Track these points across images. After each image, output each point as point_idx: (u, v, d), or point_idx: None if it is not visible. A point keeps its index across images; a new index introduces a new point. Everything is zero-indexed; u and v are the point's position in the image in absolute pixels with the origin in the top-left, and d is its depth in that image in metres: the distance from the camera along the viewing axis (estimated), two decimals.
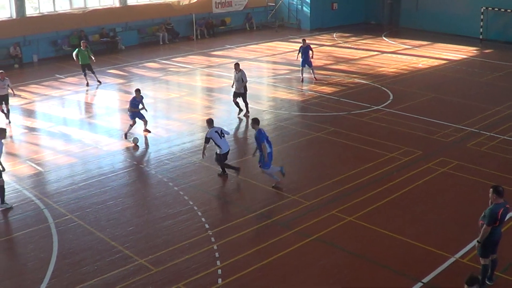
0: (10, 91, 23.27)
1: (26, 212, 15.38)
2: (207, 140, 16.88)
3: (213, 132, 16.90)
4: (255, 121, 16.61)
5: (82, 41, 30.17)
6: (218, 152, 17.14)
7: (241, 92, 22.70)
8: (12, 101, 23.82)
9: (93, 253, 13.12)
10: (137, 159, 19.24)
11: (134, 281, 12.02)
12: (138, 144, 20.11)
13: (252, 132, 17.34)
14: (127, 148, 19.94)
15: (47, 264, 12.70)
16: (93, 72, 29.02)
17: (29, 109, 25.59)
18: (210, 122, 17.32)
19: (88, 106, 26.42)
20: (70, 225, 14.45)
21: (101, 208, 15.39)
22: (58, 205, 15.53)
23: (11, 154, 19.81)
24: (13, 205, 15.65)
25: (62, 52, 36.10)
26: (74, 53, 28.81)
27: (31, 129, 22.54)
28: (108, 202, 15.77)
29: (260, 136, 16.10)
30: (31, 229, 14.42)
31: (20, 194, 16.45)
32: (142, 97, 21.09)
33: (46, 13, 36.14)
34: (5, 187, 15.92)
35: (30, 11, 35.73)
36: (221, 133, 17.08)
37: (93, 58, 28.76)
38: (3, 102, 23.06)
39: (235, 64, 22.72)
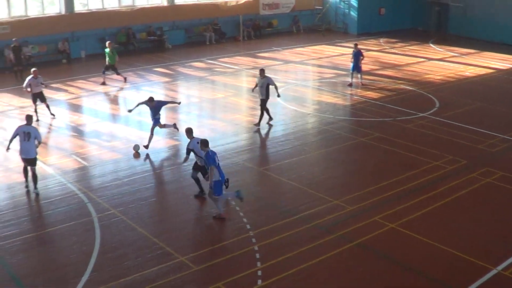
0: (43, 88, 23.55)
1: (70, 205, 15.62)
2: (188, 151, 15.68)
3: (195, 143, 15.51)
4: (188, 131, 15.80)
5: (108, 41, 30.09)
6: (198, 163, 15.79)
7: (262, 98, 22.00)
8: (58, 95, 24.17)
9: (134, 248, 13.24)
10: (180, 157, 19.31)
11: (174, 278, 12.08)
12: (139, 151, 19.56)
13: (285, 138, 17.13)
14: (172, 146, 20.09)
15: (89, 258, 12.86)
16: (118, 73, 29.17)
17: (75, 104, 26.00)
18: (189, 132, 15.91)
19: (133, 103, 26.63)
20: (113, 220, 14.61)
21: (144, 205, 15.53)
22: (101, 200, 15.72)
23: (57, 148, 20.21)
24: (57, 198, 15.92)
25: (117, 50, 36.58)
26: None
27: (77, 124, 22.88)
28: (151, 198, 15.91)
29: (208, 158, 14.48)
30: (74, 222, 14.65)
31: (64, 187, 16.72)
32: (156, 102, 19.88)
33: (94, 10, 36.75)
34: (51, 180, 16.23)
35: (79, 7, 36.40)
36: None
37: (116, 59, 28.93)
38: (38, 100, 23.38)
39: (260, 70, 22.32)
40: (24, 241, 13.91)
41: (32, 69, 23.48)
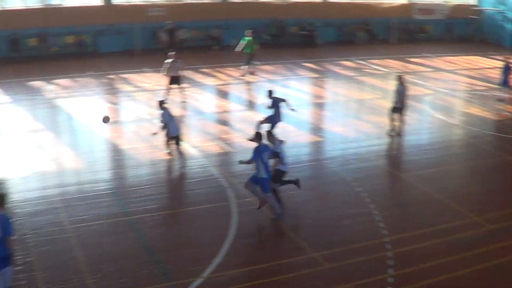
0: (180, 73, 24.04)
1: (210, 188, 15.92)
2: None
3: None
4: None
5: (251, 30, 29.73)
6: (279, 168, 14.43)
7: (398, 106, 20.72)
8: (207, 80, 24.70)
9: (268, 238, 13.29)
10: (322, 154, 19.22)
11: (304, 273, 11.90)
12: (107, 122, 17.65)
13: (430, 147, 16.45)
14: (315, 142, 19.98)
15: (223, 241, 12.97)
16: (251, 63, 28.90)
17: (223, 91, 26.59)
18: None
19: (279, 94, 26.82)
20: (251, 207, 14.69)
21: (283, 197, 15.44)
22: (241, 186, 15.86)
23: (202, 131, 20.75)
24: (198, 179, 16.30)
25: (259, 40, 37.13)
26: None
27: (224, 110, 23.38)
28: (290, 191, 15.85)
29: (254, 151, 13.80)
30: (213, 204, 14.89)
31: (206, 170, 17.08)
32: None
33: (249, 0, 37.40)
34: (194, 161, 16.82)
35: None
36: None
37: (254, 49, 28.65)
38: (176, 83, 23.93)
39: (398, 76, 21.09)
40: (163, 217, 14.39)
41: (172, 53, 24.21)
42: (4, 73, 28.85)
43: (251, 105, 24.46)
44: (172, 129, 17.25)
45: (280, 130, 20.41)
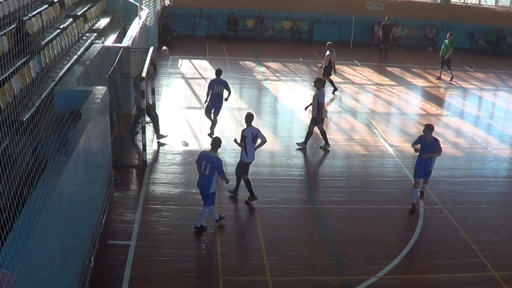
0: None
1: (401, 189, 15.80)
2: (243, 138, 14.31)
3: (249, 132, 14.31)
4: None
5: (449, 33, 28.40)
6: (243, 160, 14.50)
7: None
8: (416, 81, 24.14)
9: (450, 249, 12.87)
10: None
11: None
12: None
13: None
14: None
15: (405, 244, 12.87)
16: (449, 68, 27.67)
17: (431, 93, 25.95)
18: (250, 118, 14.57)
19: (486, 104, 25.73)
20: (438, 215, 14.36)
21: (473, 209, 14.93)
22: (432, 192, 15.52)
23: (402, 131, 20.49)
24: (391, 179, 16.22)
25: (477, 46, 35.70)
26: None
27: (428, 113, 22.86)
28: (481, 205, 15.23)
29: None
30: (401, 206, 14.76)
31: (400, 170, 16.94)
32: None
33: (470, 4, 36.09)
34: (389, 160, 16.75)
35: None
36: (255, 136, 14.40)
37: (449, 53, 27.21)
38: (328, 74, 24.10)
39: None
40: (349, 211, 14.54)
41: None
42: (220, 50, 30.66)
43: (456, 111, 23.62)
44: (324, 111, 18.02)
45: (483, 141, 19.65)
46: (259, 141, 14.52)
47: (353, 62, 30.54)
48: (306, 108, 18.79)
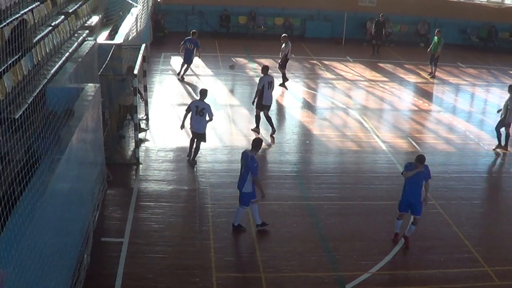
0: None
1: (394, 184, 15.54)
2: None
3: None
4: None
5: (437, 29, 28.36)
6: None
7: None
8: (408, 77, 24.29)
9: (443, 244, 12.92)
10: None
11: (474, 286, 11.51)
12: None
13: None
14: (507, 154, 18.95)
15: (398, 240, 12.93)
16: (435, 65, 27.74)
17: (423, 89, 26.04)
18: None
19: (478, 100, 25.83)
20: (431, 210, 14.33)
21: (465, 205, 14.99)
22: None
23: (395, 127, 20.52)
24: (384, 174, 16.25)
25: (469, 42, 35.79)
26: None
27: (421, 109, 22.94)
28: (474, 201, 15.30)
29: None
30: (393, 202, 14.41)
31: (393, 166, 16.97)
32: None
33: (462, 0, 36.16)
34: (382, 156, 16.75)
35: None
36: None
37: (438, 51, 27.21)
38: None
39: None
40: (342, 206, 14.56)
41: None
42: (212, 47, 30.64)
43: (447, 107, 23.71)
44: (266, 97, 18.38)
45: (475, 137, 19.72)
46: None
47: (345, 58, 30.57)
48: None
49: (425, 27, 35.34)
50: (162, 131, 18.46)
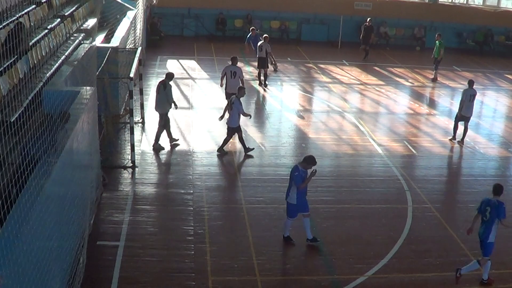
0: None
1: (389, 188, 15.90)
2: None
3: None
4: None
5: (437, 33, 28.72)
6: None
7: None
8: (403, 81, 24.23)
9: (439, 247, 12.94)
10: (510, 171, 18.28)
11: None
12: None
13: None
14: (504, 157, 19.00)
15: (393, 243, 12.90)
16: (436, 68, 27.81)
17: (418, 92, 26.11)
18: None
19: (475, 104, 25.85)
20: (427, 214, 14.43)
21: (461, 208, 15.04)
22: (421, 191, 15.59)
23: (390, 131, 20.56)
24: (379, 178, 16.27)
25: (465, 45, 35.90)
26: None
27: (415, 112, 22.98)
28: (470, 204, 15.22)
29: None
30: (389, 205, 14.85)
31: (389, 170, 16.99)
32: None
33: (458, 4, 36.30)
34: (378, 159, 16.78)
35: None
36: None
37: (441, 54, 27.43)
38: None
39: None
40: (338, 210, 14.58)
41: (264, 35, 25.52)
42: (208, 50, 30.64)
43: (443, 110, 23.73)
44: (230, 85, 19.79)
45: (471, 140, 19.74)
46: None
47: (341, 61, 30.61)
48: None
49: (421, 31, 35.46)
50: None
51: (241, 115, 17.14)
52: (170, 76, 17.68)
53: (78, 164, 11.47)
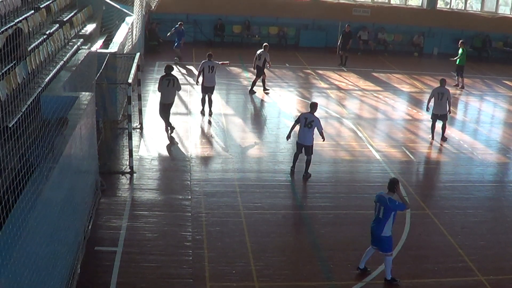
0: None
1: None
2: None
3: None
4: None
5: (461, 41, 28.87)
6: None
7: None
8: (402, 86, 24.29)
9: (437, 253, 12.93)
10: (508, 176, 18.28)
11: None
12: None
13: None
14: (502, 163, 19.02)
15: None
16: (461, 76, 28.06)
17: (417, 99, 26.13)
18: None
19: (472, 109, 25.91)
20: (425, 220, 14.40)
21: (459, 214, 15.01)
22: (419, 197, 15.60)
23: (388, 136, 20.57)
24: (378, 184, 16.24)
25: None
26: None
27: (413, 118, 23.02)
28: (468, 210, 15.32)
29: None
30: None
31: (386, 175, 16.77)
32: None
33: (456, 10, 36.40)
34: (376, 165, 16.78)
35: (440, 4, 36.65)
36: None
37: (458, 61, 27.67)
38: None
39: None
40: (336, 216, 14.55)
41: (264, 44, 25.33)
42: (206, 56, 30.57)
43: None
44: (207, 80, 20.97)
45: (469, 146, 19.76)
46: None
47: (340, 67, 30.64)
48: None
49: (420, 38, 35.57)
50: (156, 140, 18.46)
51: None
52: (171, 68, 19.09)
53: (76, 170, 11.46)
